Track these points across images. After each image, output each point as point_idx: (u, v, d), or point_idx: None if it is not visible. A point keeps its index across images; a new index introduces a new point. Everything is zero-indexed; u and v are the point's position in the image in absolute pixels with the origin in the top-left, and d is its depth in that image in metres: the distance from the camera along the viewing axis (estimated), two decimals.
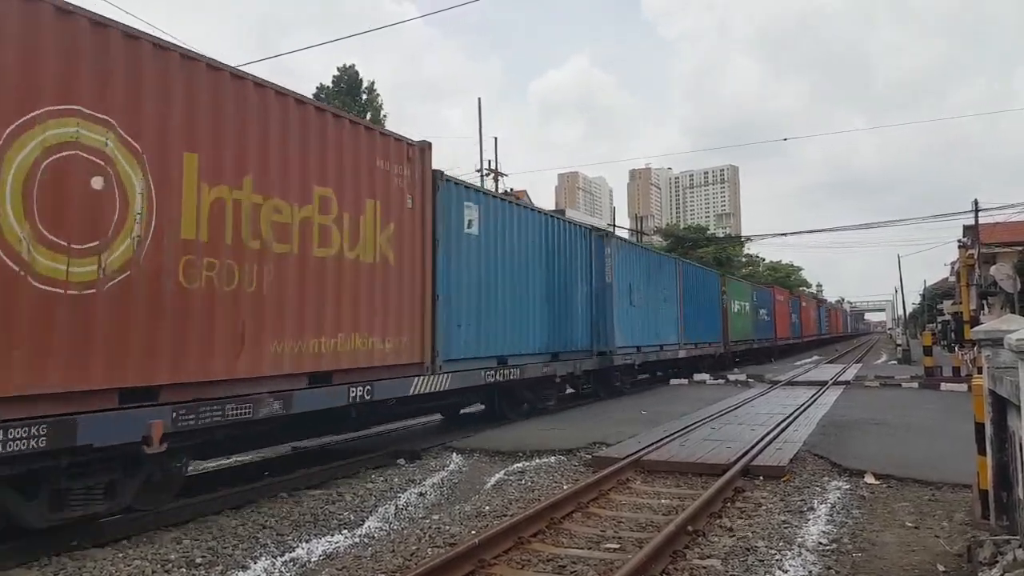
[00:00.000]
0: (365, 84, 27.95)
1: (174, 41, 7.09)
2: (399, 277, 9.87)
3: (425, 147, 10.53)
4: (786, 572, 5.44)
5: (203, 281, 7.02)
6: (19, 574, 5.63)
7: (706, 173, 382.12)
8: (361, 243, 9.16)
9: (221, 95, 7.34)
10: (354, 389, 8.80)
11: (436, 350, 10.55)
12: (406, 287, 10.01)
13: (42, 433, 5.54)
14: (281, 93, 8.07)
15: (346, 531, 7.10)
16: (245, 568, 5.97)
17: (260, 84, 7.82)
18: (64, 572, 5.66)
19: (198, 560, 6.07)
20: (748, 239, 69.93)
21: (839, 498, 7.71)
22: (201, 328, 6.97)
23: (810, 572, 5.44)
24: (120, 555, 6.08)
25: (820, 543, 6.14)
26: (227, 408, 7.11)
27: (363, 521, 7.48)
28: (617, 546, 6.10)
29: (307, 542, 6.70)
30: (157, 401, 6.54)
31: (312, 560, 6.23)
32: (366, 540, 6.79)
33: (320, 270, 8.48)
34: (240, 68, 7.73)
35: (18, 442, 5.38)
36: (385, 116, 28.56)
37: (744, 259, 71.93)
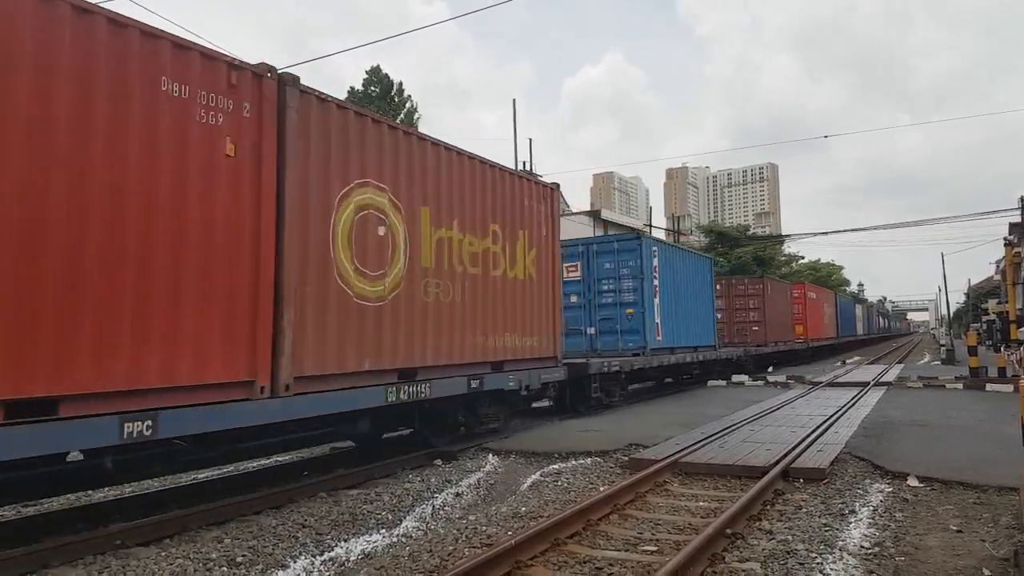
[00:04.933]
0: (395, 87, 27.99)
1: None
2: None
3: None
4: None
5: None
6: (64, 572, 5.77)
7: (744, 172, 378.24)
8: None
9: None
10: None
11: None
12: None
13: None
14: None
15: (384, 531, 7.16)
16: (285, 567, 6.05)
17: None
18: (108, 571, 5.78)
19: (239, 559, 6.16)
20: (787, 238, 69.03)
21: (881, 501, 7.58)
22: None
23: None
24: (163, 554, 6.20)
25: (862, 547, 6.04)
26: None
27: (400, 521, 7.54)
28: (655, 548, 6.07)
29: (345, 541, 6.78)
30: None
31: (350, 559, 6.29)
32: (403, 540, 6.84)
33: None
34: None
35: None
36: (419, 117, 28.60)
37: (784, 258, 70.95)
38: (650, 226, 53.91)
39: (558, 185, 13.46)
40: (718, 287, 29.04)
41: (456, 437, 11.31)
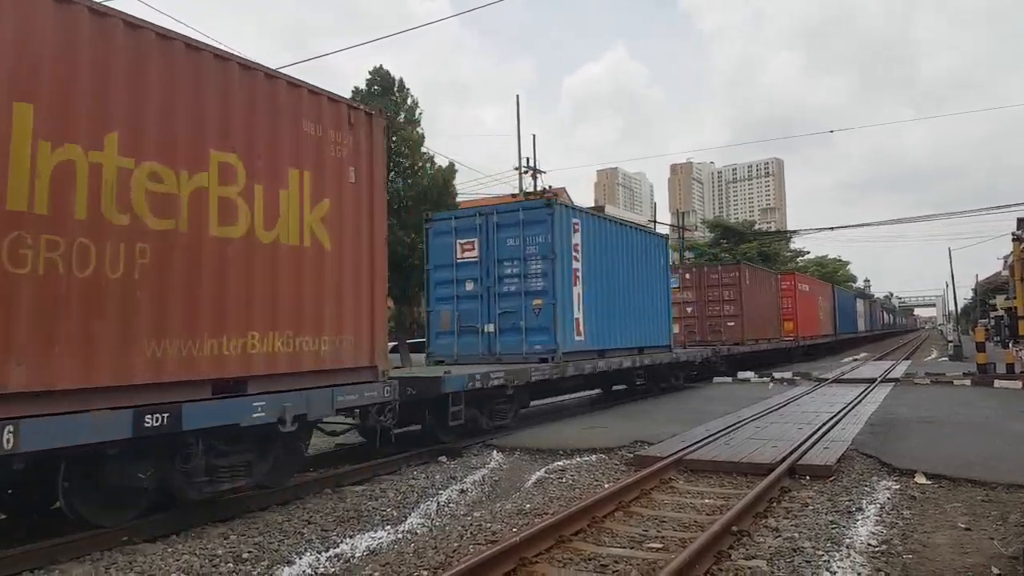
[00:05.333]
0: (396, 83, 28.00)
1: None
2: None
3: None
4: (834, 574, 5.33)
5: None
6: (71, 568, 5.78)
7: (750, 167, 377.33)
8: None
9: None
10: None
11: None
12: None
13: None
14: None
15: (389, 527, 7.16)
16: (290, 563, 6.05)
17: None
18: (115, 567, 5.80)
19: (245, 555, 6.16)
20: (793, 233, 68.86)
21: (889, 498, 7.54)
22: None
23: (859, 574, 5.33)
24: (169, 550, 6.20)
25: (869, 544, 6.00)
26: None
27: (406, 517, 7.54)
28: (660, 546, 6.04)
29: (351, 538, 6.77)
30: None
31: (356, 556, 6.29)
32: (408, 536, 6.84)
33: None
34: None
35: None
36: (420, 113, 28.60)
37: (789, 254, 70.79)
38: (654, 222, 53.86)
39: (381, 112, 9.52)
40: (687, 277, 26.95)
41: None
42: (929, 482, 8.13)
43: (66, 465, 6.09)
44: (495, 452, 10.54)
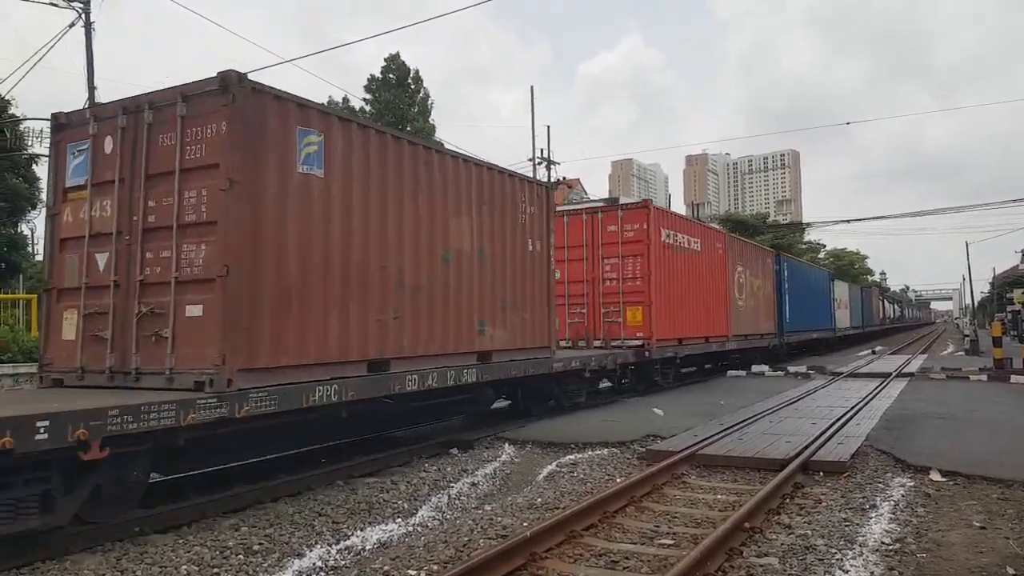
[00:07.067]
0: (411, 74, 28.23)
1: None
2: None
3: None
4: (847, 572, 5.28)
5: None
6: (84, 558, 5.81)
7: (765, 158, 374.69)
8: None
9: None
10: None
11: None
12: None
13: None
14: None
15: (400, 520, 7.17)
16: (301, 555, 6.07)
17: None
18: (127, 557, 5.83)
19: (255, 547, 6.18)
20: (808, 225, 68.40)
21: (903, 495, 7.47)
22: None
23: (872, 573, 5.28)
24: (180, 541, 6.23)
25: (883, 542, 5.95)
26: None
27: (416, 510, 7.54)
28: (672, 542, 6.02)
29: (362, 530, 6.79)
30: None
31: (366, 548, 6.31)
32: (419, 529, 6.84)
33: None
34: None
35: None
36: (432, 103, 28.87)
37: (804, 246, 70.39)
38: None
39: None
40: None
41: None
42: (944, 479, 8.05)
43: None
44: (507, 445, 10.53)
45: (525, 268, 12.09)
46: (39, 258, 17.47)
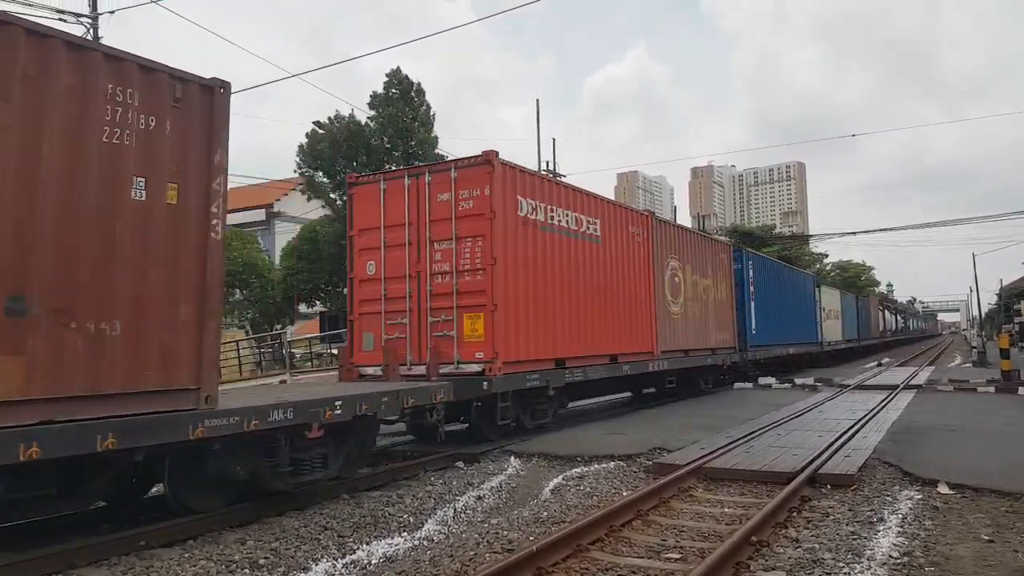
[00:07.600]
0: (414, 87, 28.47)
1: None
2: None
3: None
4: None
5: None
6: (89, 572, 5.81)
7: (771, 170, 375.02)
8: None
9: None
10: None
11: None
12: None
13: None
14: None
15: (405, 533, 7.15)
16: (307, 570, 6.05)
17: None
18: (132, 571, 5.82)
19: (261, 561, 6.17)
20: (813, 237, 68.28)
21: (911, 508, 7.43)
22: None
23: None
24: (186, 555, 6.23)
25: (890, 556, 5.91)
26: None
27: (422, 524, 7.52)
28: (679, 556, 5.99)
29: (367, 544, 6.77)
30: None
31: (372, 563, 6.29)
32: (425, 543, 6.82)
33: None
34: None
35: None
36: (434, 115, 29.12)
37: (809, 257, 70.24)
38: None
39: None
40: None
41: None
42: (952, 492, 8.00)
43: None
44: (512, 458, 10.51)
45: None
46: None
